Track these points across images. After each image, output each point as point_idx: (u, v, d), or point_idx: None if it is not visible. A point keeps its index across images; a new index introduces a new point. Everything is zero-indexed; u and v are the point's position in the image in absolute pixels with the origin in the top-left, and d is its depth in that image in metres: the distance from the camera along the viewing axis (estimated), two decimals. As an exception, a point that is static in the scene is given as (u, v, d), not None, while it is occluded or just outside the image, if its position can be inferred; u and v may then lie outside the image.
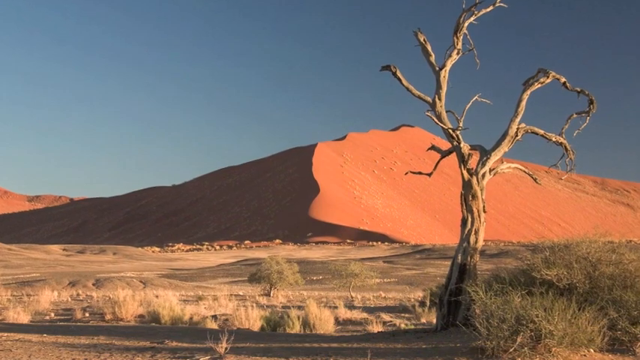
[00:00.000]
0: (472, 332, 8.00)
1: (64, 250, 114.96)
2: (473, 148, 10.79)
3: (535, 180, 11.26)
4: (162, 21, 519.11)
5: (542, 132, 10.91)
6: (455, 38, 10.84)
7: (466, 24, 10.85)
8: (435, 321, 12.17)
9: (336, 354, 8.65)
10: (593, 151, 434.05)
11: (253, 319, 15.48)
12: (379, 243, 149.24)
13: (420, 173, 12.12)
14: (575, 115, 11.03)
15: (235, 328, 14.17)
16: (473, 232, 10.30)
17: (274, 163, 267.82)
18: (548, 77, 10.77)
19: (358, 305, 26.89)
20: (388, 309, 24.63)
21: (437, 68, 10.89)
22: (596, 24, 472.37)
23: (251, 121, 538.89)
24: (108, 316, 16.82)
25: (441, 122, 10.67)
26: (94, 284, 39.60)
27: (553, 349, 7.52)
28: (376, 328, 15.35)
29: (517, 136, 10.71)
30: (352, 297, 34.12)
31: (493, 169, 10.83)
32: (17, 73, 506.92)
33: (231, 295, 30.65)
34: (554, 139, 10.99)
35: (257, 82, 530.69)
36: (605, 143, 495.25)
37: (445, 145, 11.52)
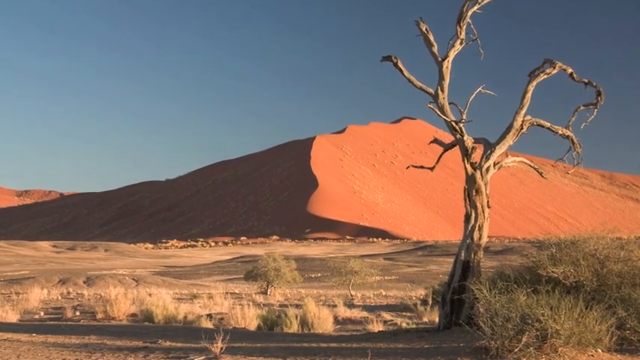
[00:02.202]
0: (476, 331, 7.92)
1: (53, 246, 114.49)
2: (477, 141, 10.74)
3: (541, 174, 11.20)
4: (157, 11, 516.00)
5: (548, 124, 10.88)
6: (458, 28, 10.76)
7: (470, 13, 10.77)
8: (437, 320, 11.98)
9: (336, 354, 8.54)
10: (600, 144, 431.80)
11: (250, 318, 15.42)
12: (380, 239, 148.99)
13: (422, 167, 12.17)
14: (582, 107, 10.96)
15: (231, 328, 14.12)
16: (476, 228, 10.24)
17: (271, 156, 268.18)
18: (554, 68, 10.72)
19: (358, 304, 26.74)
20: (389, 307, 24.49)
21: (439, 59, 10.82)
22: (604, 13, 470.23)
23: (247, 114, 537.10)
24: (99, 315, 16.70)
25: (444, 114, 10.60)
26: (85, 282, 39.33)
27: (559, 349, 7.42)
28: (377, 327, 15.16)
29: (522, 128, 10.68)
30: (352, 295, 33.97)
31: (497, 162, 10.79)
32: (5, 65, 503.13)
33: (226, 293, 30.46)
34: (560, 132, 10.94)
35: (254, 73, 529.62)
36: (614, 136, 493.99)
37: (448, 138, 11.43)
